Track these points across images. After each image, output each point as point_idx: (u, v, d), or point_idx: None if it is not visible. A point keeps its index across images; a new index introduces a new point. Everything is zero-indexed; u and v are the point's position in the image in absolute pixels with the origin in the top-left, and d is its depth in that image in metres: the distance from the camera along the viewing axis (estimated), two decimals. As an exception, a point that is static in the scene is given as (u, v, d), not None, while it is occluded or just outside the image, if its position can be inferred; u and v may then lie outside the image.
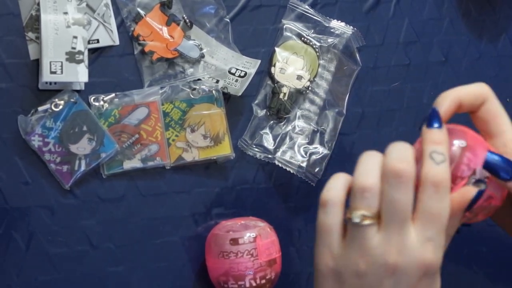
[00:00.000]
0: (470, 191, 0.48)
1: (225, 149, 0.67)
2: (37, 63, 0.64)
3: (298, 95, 0.69)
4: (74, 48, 0.61)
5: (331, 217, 0.47)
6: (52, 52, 0.61)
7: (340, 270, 0.47)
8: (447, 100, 0.50)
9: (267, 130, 0.68)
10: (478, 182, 0.48)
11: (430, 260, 0.46)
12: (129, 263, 0.66)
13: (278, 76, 0.69)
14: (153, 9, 0.67)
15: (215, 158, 0.67)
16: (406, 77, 0.73)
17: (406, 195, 0.45)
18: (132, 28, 0.66)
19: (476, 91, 0.51)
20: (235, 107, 0.69)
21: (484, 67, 0.75)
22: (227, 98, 0.68)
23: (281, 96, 0.68)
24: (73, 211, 0.65)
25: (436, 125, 0.48)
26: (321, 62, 0.70)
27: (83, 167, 0.64)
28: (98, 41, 0.65)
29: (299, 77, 0.69)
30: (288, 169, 0.68)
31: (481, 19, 0.75)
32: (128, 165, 0.65)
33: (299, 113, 0.69)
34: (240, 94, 0.66)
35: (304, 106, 0.69)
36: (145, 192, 0.66)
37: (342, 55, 0.70)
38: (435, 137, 0.47)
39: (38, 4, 0.62)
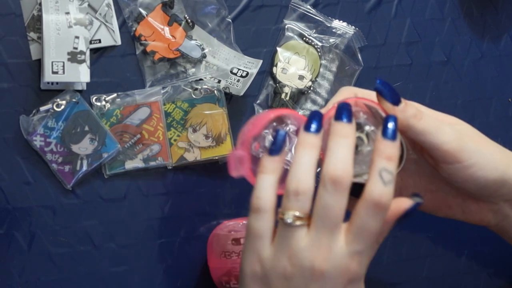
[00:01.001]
0: (406, 203, 0.47)
1: (227, 149, 0.67)
2: (39, 63, 0.64)
3: (300, 95, 0.69)
4: (76, 48, 0.61)
5: (262, 223, 0.47)
6: (54, 52, 0.61)
7: (267, 274, 0.47)
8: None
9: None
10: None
11: (355, 270, 0.46)
12: (131, 263, 0.66)
13: (280, 76, 0.69)
14: (155, 9, 0.67)
15: (217, 158, 0.67)
16: (408, 77, 0.73)
17: (340, 202, 0.45)
18: (134, 28, 0.66)
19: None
20: (237, 107, 0.69)
21: (486, 66, 0.75)
22: (229, 98, 0.68)
23: (283, 96, 0.68)
24: (75, 211, 0.65)
25: (390, 135, 0.47)
26: (323, 62, 0.70)
27: (85, 167, 0.64)
28: (100, 41, 0.65)
29: (301, 77, 0.69)
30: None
31: (483, 19, 0.75)
32: (130, 165, 0.65)
33: (301, 113, 0.69)
34: (242, 94, 0.66)
35: (306, 106, 0.69)
36: (147, 192, 0.66)
37: (344, 55, 0.70)
38: (388, 152, 0.46)
39: (40, 4, 0.62)
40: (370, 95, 0.52)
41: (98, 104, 0.65)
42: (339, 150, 0.46)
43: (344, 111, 0.48)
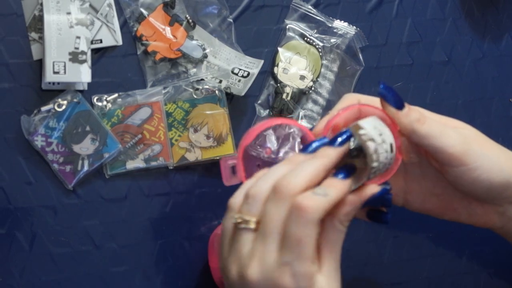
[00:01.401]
0: (374, 188, 0.48)
1: (228, 149, 0.67)
2: (40, 63, 0.64)
3: (301, 95, 0.69)
4: (77, 48, 0.61)
5: (227, 221, 0.48)
6: (55, 52, 0.61)
7: (225, 273, 0.47)
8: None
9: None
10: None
11: (285, 285, 0.44)
12: (131, 263, 0.66)
13: (281, 76, 0.69)
14: (156, 9, 0.67)
15: (218, 158, 0.67)
16: (409, 77, 0.73)
17: (277, 210, 0.45)
18: (135, 28, 0.66)
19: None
20: (238, 107, 0.69)
21: (487, 67, 0.75)
22: (230, 98, 0.68)
23: (284, 96, 0.68)
24: (76, 211, 0.65)
25: (339, 176, 0.47)
26: (324, 62, 0.70)
27: (86, 167, 0.64)
28: (101, 41, 0.66)
29: (302, 77, 0.69)
30: (291, 169, 0.68)
31: (484, 19, 0.75)
32: (131, 165, 0.65)
33: (302, 113, 0.69)
34: (243, 94, 0.66)
35: (307, 106, 0.70)
36: (148, 192, 0.66)
37: (345, 55, 0.70)
38: (329, 182, 0.46)
39: (41, 4, 0.62)
40: (373, 101, 0.52)
41: (99, 104, 0.65)
42: (300, 166, 0.46)
43: (336, 139, 0.48)
